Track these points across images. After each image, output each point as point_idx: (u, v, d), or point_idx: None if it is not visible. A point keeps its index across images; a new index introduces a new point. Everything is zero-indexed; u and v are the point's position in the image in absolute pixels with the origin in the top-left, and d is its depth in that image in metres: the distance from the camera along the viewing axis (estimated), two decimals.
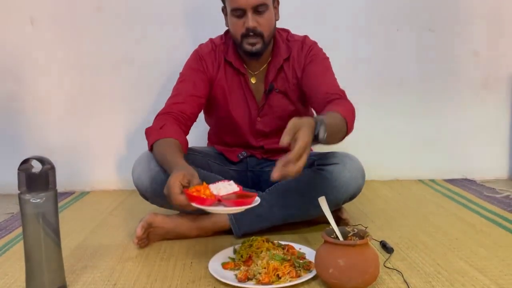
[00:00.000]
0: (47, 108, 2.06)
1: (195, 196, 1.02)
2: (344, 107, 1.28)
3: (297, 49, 1.49)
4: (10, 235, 1.49)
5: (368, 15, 2.08)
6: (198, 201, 1.02)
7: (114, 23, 2.02)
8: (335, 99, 1.34)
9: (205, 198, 1.02)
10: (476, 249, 1.27)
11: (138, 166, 1.35)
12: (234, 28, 1.40)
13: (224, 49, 1.50)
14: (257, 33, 1.37)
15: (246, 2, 1.34)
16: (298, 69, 1.48)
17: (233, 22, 1.40)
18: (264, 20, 1.38)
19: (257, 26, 1.37)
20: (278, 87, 1.49)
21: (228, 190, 1.05)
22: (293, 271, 1.07)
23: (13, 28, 2.01)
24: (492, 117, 2.17)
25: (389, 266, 1.16)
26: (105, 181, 2.10)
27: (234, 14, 1.38)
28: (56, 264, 1.01)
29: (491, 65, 2.13)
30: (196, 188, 1.05)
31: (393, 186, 2.04)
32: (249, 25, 1.35)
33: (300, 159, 0.99)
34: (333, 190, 1.30)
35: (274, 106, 1.50)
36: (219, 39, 1.53)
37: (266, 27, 1.39)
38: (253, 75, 1.50)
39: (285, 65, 1.48)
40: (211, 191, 1.04)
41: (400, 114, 2.14)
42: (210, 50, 1.51)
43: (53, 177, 0.99)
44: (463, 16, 2.10)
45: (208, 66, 1.49)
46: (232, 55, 1.48)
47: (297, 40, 1.51)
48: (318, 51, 1.50)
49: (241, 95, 1.51)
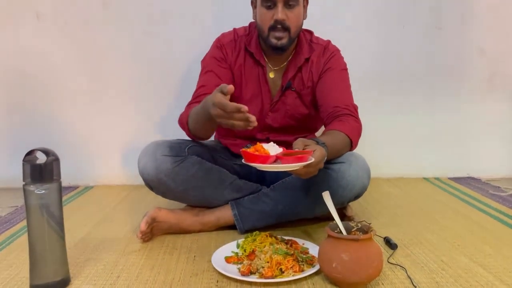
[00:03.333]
0: (52, 102, 2.06)
1: (256, 155, 1.02)
2: (350, 126, 1.31)
3: (318, 53, 1.49)
4: (14, 228, 1.49)
5: (374, 12, 2.07)
6: (260, 159, 1.01)
7: (119, 18, 2.02)
8: (343, 115, 1.35)
9: (266, 156, 1.01)
10: (481, 247, 1.27)
11: (144, 156, 1.35)
12: (262, 19, 1.39)
13: (247, 40, 1.50)
14: (285, 27, 1.36)
15: None
16: (316, 73, 1.48)
17: (262, 13, 1.38)
18: (293, 15, 1.36)
19: (286, 19, 1.35)
20: (294, 87, 1.49)
21: (276, 150, 1.05)
22: (296, 265, 1.07)
23: (19, 23, 2.01)
24: (497, 115, 2.16)
25: (392, 262, 1.16)
26: (109, 176, 2.11)
27: (264, 4, 1.36)
28: (60, 256, 1.01)
29: (497, 63, 2.12)
30: (255, 147, 1.05)
31: (398, 184, 2.03)
32: (278, 17, 1.34)
33: (317, 166, 1.08)
34: (339, 189, 1.29)
35: (288, 104, 1.50)
36: (242, 30, 1.53)
37: (294, 22, 1.37)
38: (272, 70, 1.50)
39: (304, 66, 1.48)
40: (267, 150, 1.04)
41: (405, 111, 2.13)
42: (231, 39, 1.51)
43: (58, 168, 0.99)
44: (469, 13, 2.08)
45: (228, 54, 1.49)
46: (254, 46, 1.48)
47: (320, 44, 1.50)
48: (338, 59, 1.49)
49: (257, 86, 1.50)
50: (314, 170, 1.09)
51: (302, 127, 1.55)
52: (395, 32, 2.09)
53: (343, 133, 1.28)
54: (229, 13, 1.99)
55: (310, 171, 1.08)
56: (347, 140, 1.29)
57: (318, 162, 1.07)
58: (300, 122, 1.53)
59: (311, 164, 1.05)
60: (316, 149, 1.08)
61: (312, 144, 1.11)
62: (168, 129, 2.08)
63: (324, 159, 1.11)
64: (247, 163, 1.04)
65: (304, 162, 1.02)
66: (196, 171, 1.36)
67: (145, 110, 2.08)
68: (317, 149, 1.08)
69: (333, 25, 2.02)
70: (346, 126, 1.31)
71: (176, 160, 1.33)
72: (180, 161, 1.34)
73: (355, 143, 1.33)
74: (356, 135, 1.33)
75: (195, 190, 1.37)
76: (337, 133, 1.28)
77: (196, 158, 1.37)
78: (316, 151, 1.07)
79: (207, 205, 1.41)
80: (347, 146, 1.31)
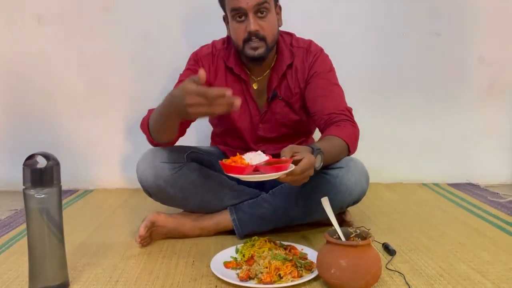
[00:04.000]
0: (52, 106, 2.07)
1: (233, 166, 1.02)
2: (347, 131, 1.30)
3: (301, 57, 1.45)
4: (13, 231, 1.49)
5: (374, 19, 2.08)
6: (237, 170, 1.01)
7: (120, 23, 2.03)
8: (340, 120, 1.33)
9: (243, 167, 1.01)
10: (479, 253, 1.27)
11: (143, 163, 1.35)
12: (236, 33, 1.36)
13: (225, 54, 1.47)
14: (259, 37, 1.33)
15: (245, 2, 1.29)
16: (302, 79, 1.45)
17: (234, 27, 1.36)
18: (266, 24, 1.33)
19: (260, 29, 1.32)
20: (281, 95, 1.46)
21: (260, 159, 1.05)
22: (295, 271, 1.07)
23: (20, 27, 2.02)
24: (496, 122, 2.16)
25: (391, 268, 1.16)
26: (108, 180, 2.11)
27: (235, 16, 1.33)
28: (59, 260, 1.02)
29: (496, 70, 2.13)
30: (232, 159, 1.05)
31: (397, 190, 2.04)
32: (251, 28, 1.31)
33: (303, 174, 1.06)
34: (338, 194, 1.29)
35: (277, 113, 1.48)
36: (221, 44, 1.50)
37: (269, 31, 1.35)
38: (256, 81, 1.47)
39: (288, 73, 1.45)
40: (246, 161, 1.04)
41: (405, 117, 2.14)
42: (208, 53, 1.48)
43: (58, 173, 1.00)
44: (469, 21, 2.09)
45: (204, 67, 1.45)
46: (233, 61, 1.45)
47: (301, 47, 1.46)
48: (323, 61, 1.45)
49: (244, 102, 1.45)
50: (300, 178, 1.07)
51: (296, 133, 1.54)
52: (394, 39, 2.10)
53: (340, 138, 1.27)
54: None
55: (296, 179, 1.06)
56: (344, 145, 1.28)
57: (302, 171, 1.05)
58: (293, 128, 1.52)
59: (294, 172, 1.04)
60: (304, 157, 1.06)
61: (302, 151, 1.09)
62: None
63: (314, 166, 1.10)
64: (226, 173, 1.04)
65: (282, 172, 1.02)
66: (195, 177, 1.36)
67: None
68: (305, 157, 1.06)
69: (332, 33, 2.02)
70: (344, 131, 1.29)
71: (175, 167, 1.33)
72: (179, 167, 1.34)
73: (353, 148, 1.32)
74: (354, 140, 1.31)
75: (194, 196, 1.37)
76: (334, 138, 1.27)
77: (194, 164, 1.37)
78: (304, 159, 1.06)
79: (206, 211, 1.41)
80: (345, 151, 1.30)
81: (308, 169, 1.07)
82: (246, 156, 1.06)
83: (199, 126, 1.48)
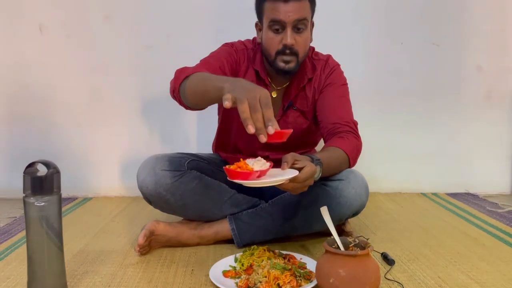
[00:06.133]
0: (52, 114, 2.07)
1: (239, 171, 1.02)
2: (350, 143, 1.31)
3: (320, 69, 1.47)
4: (12, 239, 1.49)
5: (373, 28, 2.10)
6: (243, 176, 1.02)
7: (121, 31, 2.05)
8: (343, 131, 1.34)
9: (249, 172, 1.02)
10: (478, 263, 1.27)
11: (143, 170, 1.35)
12: (270, 43, 1.35)
13: (253, 56, 1.47)
14: (293, 51, 1.33)
15: (287, 16, 1.29)
16: (318, 89, 1.47)
17: (269, 37, 1.34)
18: (301, 40, 1.34)
19: (295, 44, 1.32)
20: (297, 105, 1.48)
21: (262, 166, 1.05)
22: (293, 280, 1.07)
23: (22, 35, 2.03)
24: (495, 131, 2.17)
25: (390, 278, 1.16)
26: (107, 188, 2.11)
27: (272, 27, 1.32)
28: (58, 268, 1.01)
29: (494, 79, 2.15)
30: (237, 165, 1.05)
31: (396, 199, 2.04)
32: (287, 42, 1.31)
33: (304, 183, 1.08)
34: (337, 206, 1.29)
35: (290, 123, 1.48)
36: (250, 44, 1.50)
37: (302, 47, 1.35)
38: (275, 89, 1.47)
39: (307, 84, 1.47)
40: (251, 166, 1.04)
41: (403, 127, 2.15)
42: (243, 48, 1.48)
43: (58, 181, 1.00)
44: (467, 30, 2.11)
45: (240, 59, 1.46)
46: (259, 65, 1.45)
47: (321, 59, 1.48)
48: (338, 74, 1.48)
49: None
50: (301, 186, 1.09)
51: (302, 142, 1.55)
52: (393, 49, 2.11)
53: (341, 150, 1.28)
54: (231, 29, 2.01)
55: (297, 187, 1.08)
56: (345, 157, 1.28)
57: (304, 179, 1.07)
58: (300, 138, 1.53)
59: (297, 179, 1.05)
60: (306, 165, 1.08)
61: (303, 160, 1.10)
62: (168, 142, 2.10)
63: (314, 175, 1.11)
64: (231, 179, 1.04)
65: (286, 177, 1.03)
66: (195, 186, 1.36)
67: (145, 122, 2.10)
68: (306, 165, 1.08)
69: (331, 42, 2.03)
70: (346, 143, 1.30)
71: (176, 175, 1.34)
72: (179, 175, 1.34)
73: (353, 161, 1.32)
74: (355, 153, 1.32)
75: (194, 204, 1.37)
76: (335, 150, 1.28)
77: (195, 173, 1.38)
78: (305, 167, 1.08)
79: (206, 219, 1.41)
80: (345, 163, 1.30)
81: (310, 178, 1.09)
82: (249, 161, 1.07)
83: (199, 133, 1.48)
